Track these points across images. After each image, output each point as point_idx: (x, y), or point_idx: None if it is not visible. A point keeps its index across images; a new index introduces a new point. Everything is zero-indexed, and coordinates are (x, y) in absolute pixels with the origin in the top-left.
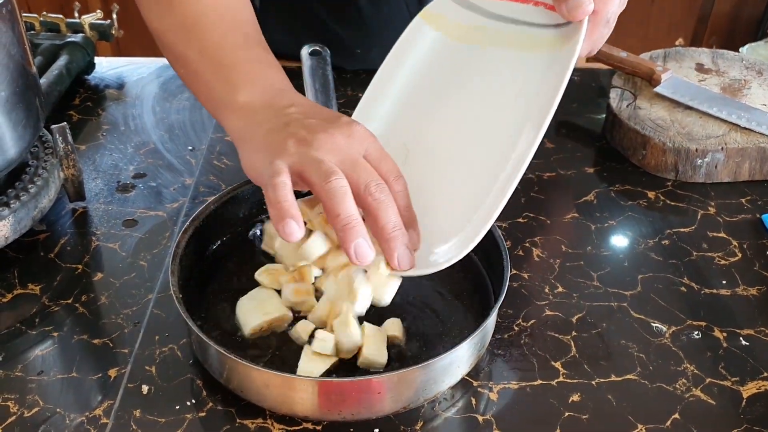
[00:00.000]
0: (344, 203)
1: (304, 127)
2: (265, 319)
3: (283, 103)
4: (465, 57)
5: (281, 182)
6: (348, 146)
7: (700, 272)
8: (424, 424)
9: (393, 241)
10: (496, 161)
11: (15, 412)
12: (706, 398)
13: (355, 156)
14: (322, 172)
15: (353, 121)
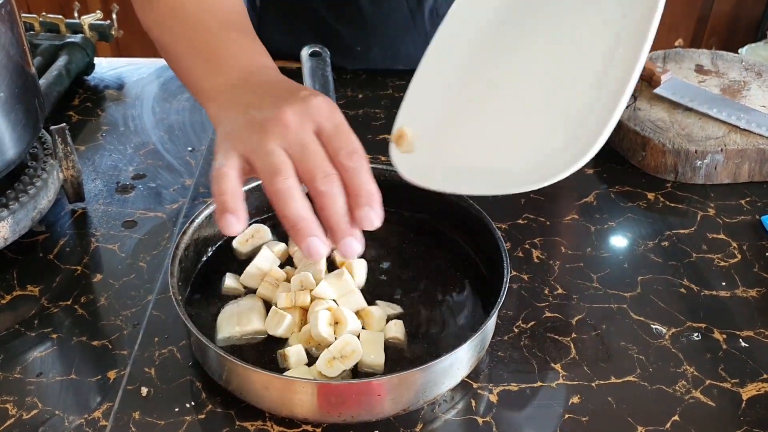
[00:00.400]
0: (290, 205)
1: (260, 109)
2: (239, 329)
3: (251, 86)
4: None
5: (224, 173)
6: (300, 125)
7: (700, 274)
8: (423, 426)
9: (338, 233)
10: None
11: (14, 414)
12: (706, 400)
13: (306, 139)
14: (270, 168)
15: (310, 95)
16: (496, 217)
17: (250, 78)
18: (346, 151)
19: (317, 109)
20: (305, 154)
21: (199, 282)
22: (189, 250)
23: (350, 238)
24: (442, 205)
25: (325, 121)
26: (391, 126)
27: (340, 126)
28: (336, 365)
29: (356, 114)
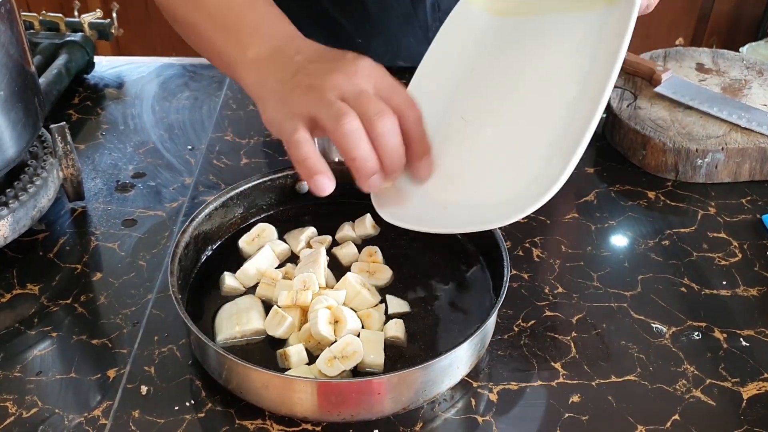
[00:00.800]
0: (358, 146)
1: (309, 74)
2: (238, 329)
3: (289, 53)
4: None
5: (300, 139)
6: (352, 83)
7: (701, 273)
8: (423, 425)
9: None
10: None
11: (14, 413)
12: (707, 399)
13: (361, 86)
14: (333, 115)
15: (358, 57)
16: None
17: (284, 48)
18: (407, 104)
19: (369, 69)
20: (361, 99)
21: (198, 281)
22: (189, 249)
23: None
24: None
25: (379, 80)
26: None
27: (395, 85)
28: (336, 365)
29: None
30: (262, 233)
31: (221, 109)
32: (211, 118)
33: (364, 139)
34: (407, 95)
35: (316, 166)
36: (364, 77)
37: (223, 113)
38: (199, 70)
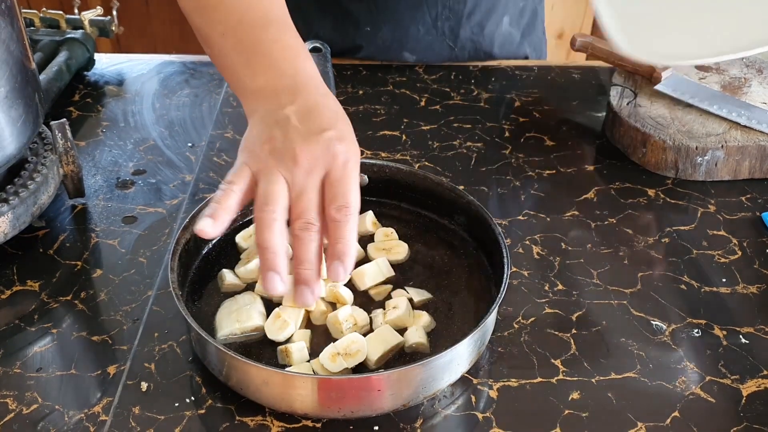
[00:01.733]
0: (265, 234)
1: (286, 135)
2: (239, 326)
3: (285, 100)
4: None
5: (229, 188)
6: (310, 169)
7: (700, 270)
8: (423, 421)
9: (297, 276)
10: None
11: (14, 409)
12: (706, 396)
13: (308, 185)
14: (265, 195)
15: (335, 140)
16: (497, 213)
17: (284, 92)
18: (337, 204)
19: (333, 157)
20: (300, 197)
21: (199, 277)
22: (189, 246)
23: (303, 287)
24: (442, 200)
25: (335, 170)
26: (391, 122)
27: (345, 178)
28: (339, 361)
29: (356, 110)
30: None
31: (221, 107)
32: (212, 115)
33: (274, 231)
34: (348, 192)
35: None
36: (323, 161)
37: (223, 110)
38: (200, 68)
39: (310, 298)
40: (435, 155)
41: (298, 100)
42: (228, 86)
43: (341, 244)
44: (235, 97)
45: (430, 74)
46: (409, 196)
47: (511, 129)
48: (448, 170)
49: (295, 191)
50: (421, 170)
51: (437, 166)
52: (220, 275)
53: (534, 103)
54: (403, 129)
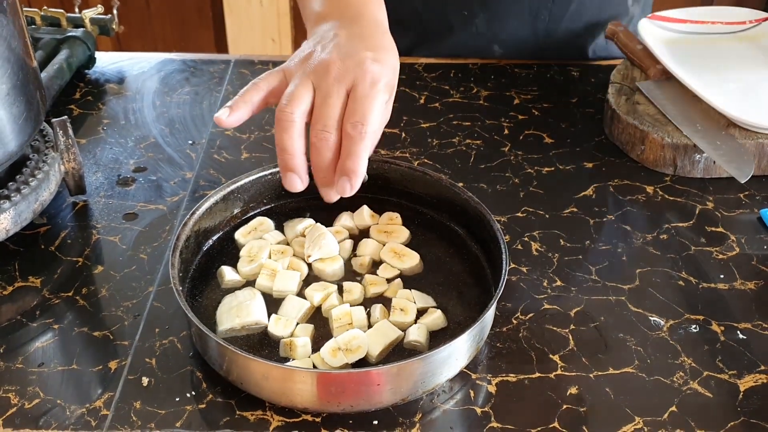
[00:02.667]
0: (283, 135)
1: (326, 49)
2: (239, 321)
3: (342, 24)
4: None
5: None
6: (338, 78)
7: (698, 266)
8: (422, 416)
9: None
10: None
11: (16, 404)
12: (704, 391)
13: (333, 92)
14: (289, 94)
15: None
16: (495, 209)
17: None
18: (354, 120)
19: (363, 73)
20: (323, 103)
21: (199, 273)
22: (189, 242)
23: (324, 188)
24: (441, 197)
25: (361, 86)
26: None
27: (369, 97)
28: (340, 356)
29: None
30: (259, 226)
31: (222, 104)
32: (212, 112)
33: (292, 132)
34: (368, 111)
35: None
36: (351, 74)
37: None
38: (200, 66)
39: (334, 195)
40: (434, 153)
41: (353, 27)
42: (228, 84)
43: (351, 160)
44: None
45: (429, 72)
46: (408, 193)
47: (510, 126)
48: (448, 167)
49: (320, 96)
50: (421, 167)
51: (436, 164)
52: (219, 272)
53: (533, 100)
54: (403, 126)
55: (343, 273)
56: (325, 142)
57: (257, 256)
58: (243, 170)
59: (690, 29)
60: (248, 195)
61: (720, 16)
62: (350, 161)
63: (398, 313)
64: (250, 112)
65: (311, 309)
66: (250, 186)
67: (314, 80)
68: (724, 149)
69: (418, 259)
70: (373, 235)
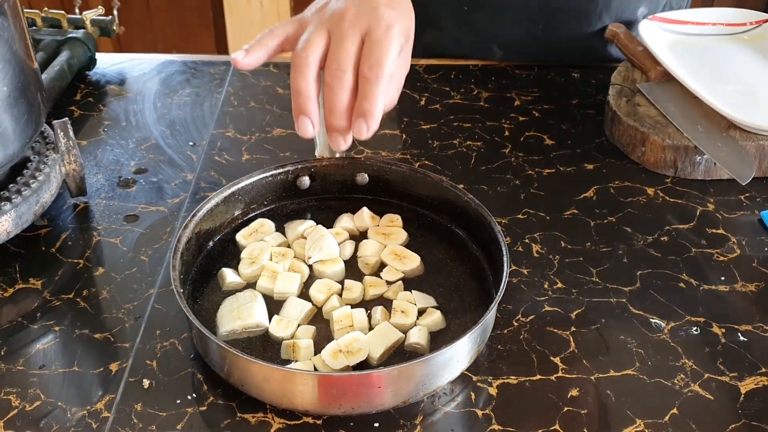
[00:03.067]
0: (298, 77)
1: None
2: (240, 323)
3: None
4: None
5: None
6: (352, 23)
7: (699, 268)
8: (423, 418)
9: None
10: None
11: (17, 406)
12: (705, 393)
13: (347, 35)
14: (305, 39)
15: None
16: (496, 211)
17: None
18: (370, 62)
19: (377, 18)
20: (337, 46)
21: (200, 275)
22: (190, 244)
23: (335, 133)
24: (442, 198)
25: (376, 30)
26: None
27: (384, 41)
28: (341, 358)
29: None
30: (260, 228)
31: (222, 106)
32: (213, 114)
33: (307, 75)
34: (384, 55)
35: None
36: (365, 19)
37: (224, 109)
38: (201, 67)
39: (342, 143)
40: (435, 154)
41: None
42: (228, 86)
43: (367, 102)
44: (236, 96)
45: (430, 73)
46: (408, 195)
47: (510, 128)
48: (448, 169)
49: (335, 40)
50: (421, 169)
51: (437, 165)
52: (220, 274)
53: (534, 102)
54: (403, 128)
55: (344, 275)
56: (339, 81)
57: (258, 258)
58: (244, 172)
59: (691, 30)
60: (249, 197)
61: (721, 17)
62: (367, 102)
63: (399, 315)
64: (266, 56)
65: (312, 311)
66: (251, 188)
67: (329, 27)
68: (725, 151)
69: (419, 261)
70: (371, 236)
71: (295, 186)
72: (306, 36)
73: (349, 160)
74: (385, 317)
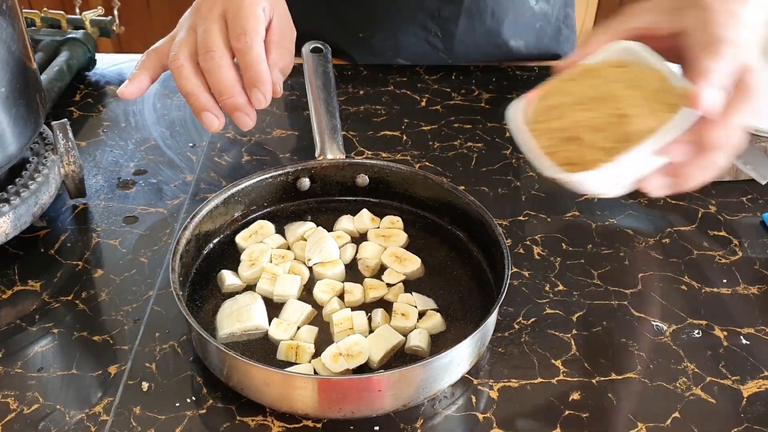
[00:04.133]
0: (179, 83)
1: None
2: (239, 326)
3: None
4: None
5: (149, 50)
6: (208, 9)
7: (701, 271)
8: (424, 421)
9: (227, 106)
10: None
11: (15, 409)
12: (707, 397)
13: (206, 19)
14: (173, 49)
15: None
16: (497, 213)
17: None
18: (236, 34)
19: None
20: (201, 34)
21: (199, 277)
22: (190, 246)
23: (237, 113)
24: (442, 200)
25: (230, 5)
26: (392, 123)
27: (241, 9)
28: (341, 361)
29: (357, 110)
30: (260, 230)
31: None
32: None
33: (190, 77)
34: (246, 23)
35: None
36: (216, 8)
37: None
38: None
39: (248, 120)
40: (435, 155)
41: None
42: None
43: (251, 71)
44: None
45: (430, 74)
46: (409, 196)
47: None
48: (449, 171)
49: (199, 32)
50: (422, 171)
51: (438, 167)
52: (219, 276)
53: None
54: (404, 129)
55: (344, 277)
56: (212, 61)
57: (258, 260)
58: (243, 173)
59: None
60: (249, 198)
61: None
62: (250, 72)
63: (400, 318)
64: (148, 79)
65: (312, 313)
66: (250, 189)
67: (191, 25)
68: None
69: (419, 263)
70: (371, 239)
71: (295, 187)
72: (175, 41)
73: (349, 161)
74: (385, 320)
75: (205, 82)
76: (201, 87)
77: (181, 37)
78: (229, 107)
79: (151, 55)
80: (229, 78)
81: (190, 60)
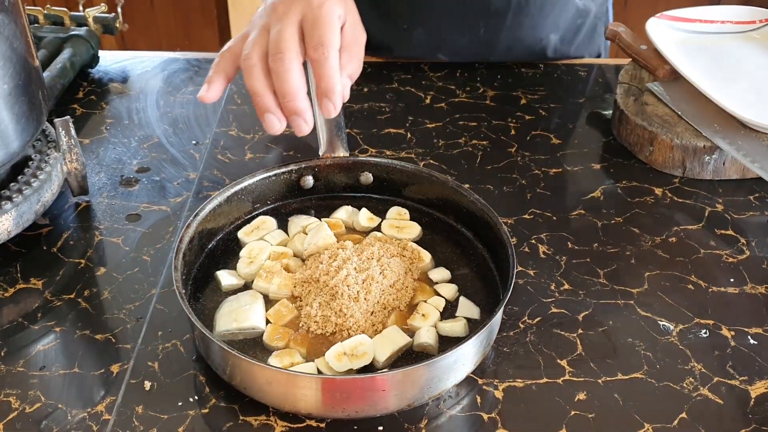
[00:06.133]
0: (248, 80)
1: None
2: (236, 326)
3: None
4: None
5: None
6: (285, 11)
7: (708, 270)
8: (428, 422)
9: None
10: None
11: (17, 408)
12: (714, 397)
13: (282, 23)
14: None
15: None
16: (502, 211)
17: None
18: (314, 44)
19: (307, 2)
20: (275, 36)
21: (202, 275)
22: (193, 244)
23: (295, 117)
24: (447, 198)
25: (310, 12)
26: (396, 120)
27: (321, 18)
28: (344, 361)
29: (361, 107)
30: (262, 225)
31: (225, 104)
32: (216, 113)
33: (260, 77)
34: (326, 34)
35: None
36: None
37: (227, 108)
38: (204, 65)
39: (306, 127)
40: (440, 153)
41: None
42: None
43: (324, 81)
44: (239, 95)
45: (435, 72)
46: (413, 194)
47: (516, 127)
48: (454, 168)
49: (273, 32)
50: (426, 168)
51: (442, 165)
52: (215, 277)
53: (540, 101)
54: (408, 127)
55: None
56: (280, 63)
57: (257, 257)
58: (247, 171)
59: (699, 29)
60: (252, 196)
61: (729, 15)
62: (323, 82)
63: (418, 318)
64: (226, 81)
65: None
66: (254, 187)
67: (265, 24)
68: (746, 149)
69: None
70: (384, 230)
71: (298, 185)
72: (248, 42)
73: (353, 159)
74: (397, 321)
75: (272, 84)
76: (268, 88)
77: (254, 37)
78: (290, 110)
79: (225, 55)
80: (295, 82)
81: (261, 60)
